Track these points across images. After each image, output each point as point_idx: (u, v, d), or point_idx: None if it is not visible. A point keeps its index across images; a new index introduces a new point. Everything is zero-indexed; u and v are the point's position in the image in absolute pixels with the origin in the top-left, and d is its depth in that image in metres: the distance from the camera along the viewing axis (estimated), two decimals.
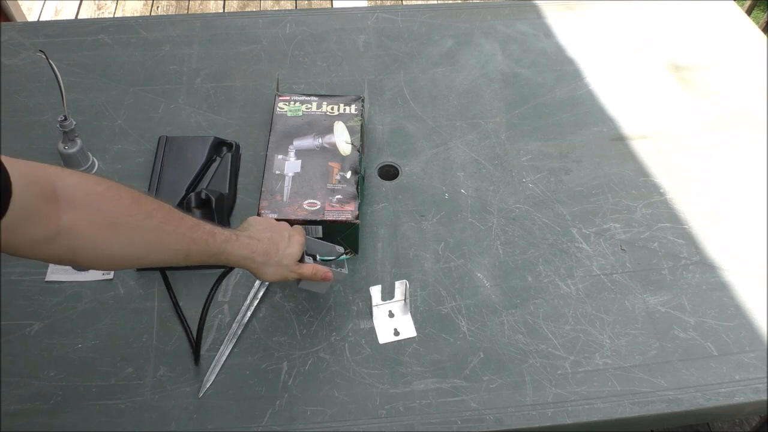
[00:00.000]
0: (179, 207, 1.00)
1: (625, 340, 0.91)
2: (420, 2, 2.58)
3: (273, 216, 0.92)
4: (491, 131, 1.18)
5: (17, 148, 1.12)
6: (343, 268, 0.90)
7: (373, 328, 0.92)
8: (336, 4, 2.64)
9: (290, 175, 0.98)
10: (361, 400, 0.85)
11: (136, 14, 2.55)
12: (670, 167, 1.13)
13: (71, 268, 0.96)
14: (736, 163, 1.14)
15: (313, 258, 0.88)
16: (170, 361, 0.88)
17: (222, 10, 2.59)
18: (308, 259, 0.87)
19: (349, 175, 0.98)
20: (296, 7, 2.62)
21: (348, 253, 0.90)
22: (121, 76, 1.25)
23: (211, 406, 0.84)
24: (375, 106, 1.21)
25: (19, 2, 2.23)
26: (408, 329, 0.92)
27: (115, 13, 2.56)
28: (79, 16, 2.52)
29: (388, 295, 0.94)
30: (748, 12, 1.70)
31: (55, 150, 1.05)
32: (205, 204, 1.00)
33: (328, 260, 0.89)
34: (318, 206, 0.94)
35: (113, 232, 0.64)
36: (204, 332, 0.89)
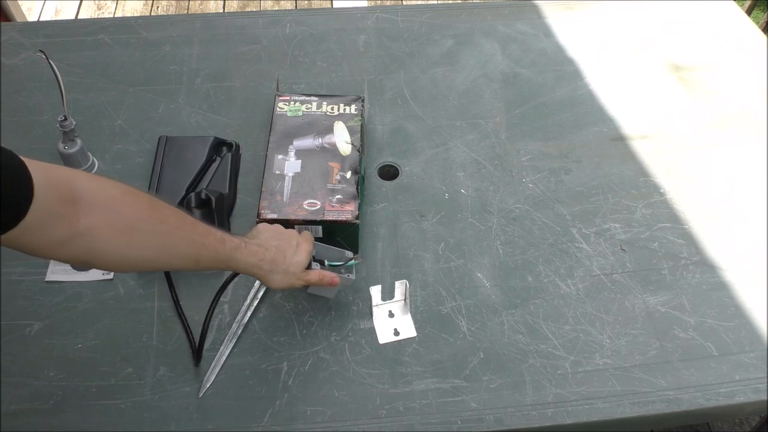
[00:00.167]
0: (179, 207, 1.00)
1: (625, 340, 0.91)
2: (420, 2, 2.58)
3: (273, 216, 0.92)
4: (491, 131, 1.18)
5: (17, 148, 1.10)
6: (351, 274, 0.90)
7: (373, 328, 0.92)
8: (336, 4, 2.64)
9: (290, 175, 0.98)
10: (361, 400, 0.85)
11: (136, 14, 2.55)
12: (670, 167, 1.13)
13: (71, 267, 0.96)
14: (736, 163, 1.14)
15: (321, 263, 0.88)
16: (170, 361, 0.88)
17: (222, 10, 2.59)
18: (315, 265, 0.87)
19: (349, 175, 0.98)
20: (296, 7, 2.62)
21: (357, 259, 0.90)
22: (121, 76, 1.25)
23: (211, 406, 0.84)
24: (375, 106, 1.21)
25: (19, 2, 2.24)
26: (408, 329, 0.92)
27: (115, 13, 2.56)
28: (79, 16, 2.52)
29: (388, 295, 0.94)
30: (748, 12, 1.70)
31: (55, 150, 1.05)
32: (205, 204, 1.00)
33: (336, 265, 0.89)
34: (318, 206, 0.94)
35: (129, 236, 0.65)
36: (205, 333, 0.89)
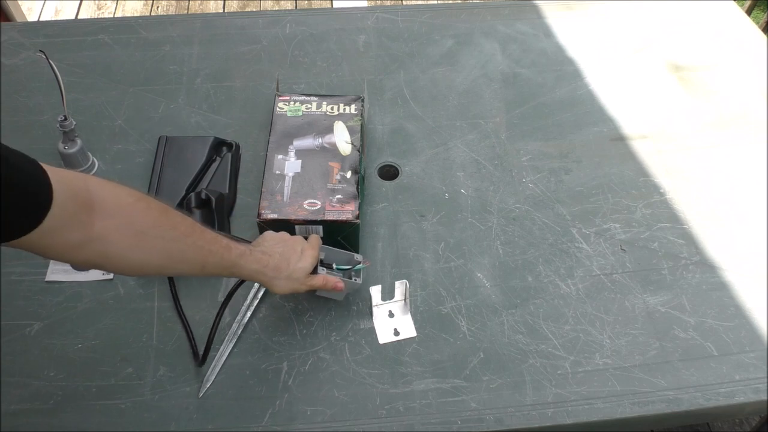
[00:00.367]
0: (179, 207, 1.00)
1: (625, 340, 0.91)
2: (420, 2, 2.58)
3: (273, 216, 0.92)
4: (491, 131, 1.18)
5: (17, 148, 1.12)
6: (358, 278, 0.90)
7: (373, 328, 0.92)
8: (336, 4, 2.64)
9: (290, 175, 0.98)
10: (361, 400, 0.85)
11: (136, 14, 2.55)
12: (670, 167, 1.13)
13: (71, 268, 0.96)
14: (736, 163, 1.14)
15: (330, 267, 0.89)
16: (170, 361, 0.88)
17: (222, 10, 2.59)
18: (321, 269, 0.87)
19: (349, 174, 0.98)
20: (296, 7, 2.62)
21: (365, 263, 0.90)
22: (121, 76, 1.25)
23: (211, 406, 0.84)
24: (375, 106, 1.21)
25: (19, 2, 2.24)
26: (408, 329, 0.92)
27: (115, 13, 2.56)
28: (79, 16, 2.52)
29: (388, 295, 0.94)
30: (748, 12, 1.70)
31: (55, 150, 1.05)
32: (205, 204, 1.00)
33: (344, 269, 0.89)
34: (318, 206, 0.94)
35: (141, 241, 0.67)
36: (204, 332, 0.89)
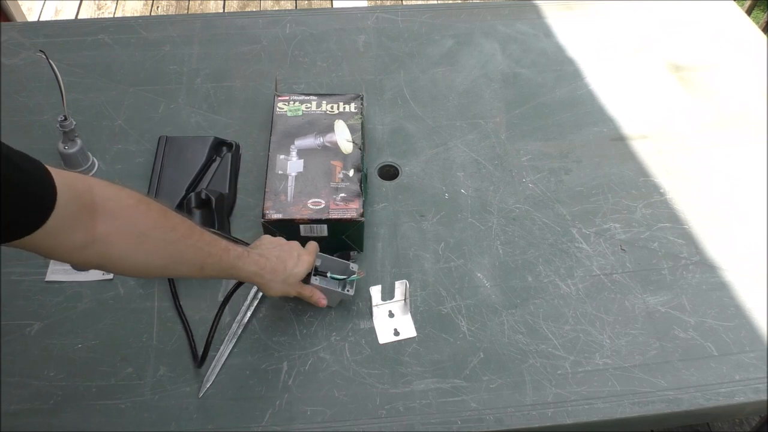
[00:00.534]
0: (179, 207, 1.00)
1: (625, 340, 0.91)
2: (420, 2, 2.58)
3: (278, 216, 0.93)
4: (491, 131, 1.18)
5: (17, 148, 1.12)
6: (350, 289, 0.90)
7: (373, 328, 0.92)
8: (336, 4, 2.64)
9: (293, 174, 0.98)
10: (361, 400, 0.85)
11: (136, 14, 2.55)
12: (670, 167, 1.13)
13: (71, 268, 0.96)
14: (736, 163, 1.14)
15: (324, 275, 0.89)
16: (170, 361, 0.88)
17: (222, 10, 2.59)
18: (315, 278, 0.88)
19: (351, 173, 0.98)
20: (296, 7, 2.62)
21: (360, 274, 0.90)
22: (121, 76, 1.25)
23: (211, 406, 0.84)
24: (375, 106, 1.21)
25: (19, 2, 2.23)
26: (408, 329, 0.92)
27: (115, 13, 2.56)
28: (79, 16, 2.52)
29: (388, 295, 0.94)
30: (748, 12, 1.70)
31: (55, 150, 1.05)
32: (205, 204, 1.00)
33: (338, 279, 0.89)
34: (322, 205, 0.94)
35: (142, 243, 0.68)
36: (204, 332, 0.89)
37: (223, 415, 0.83)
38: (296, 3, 2.63)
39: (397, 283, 0.93)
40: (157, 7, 2.60)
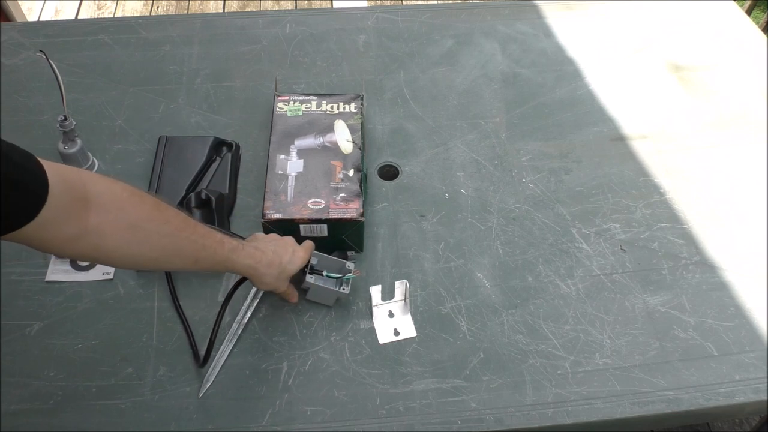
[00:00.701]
0: (179, 207, 1.00)
1: (625, 340, 0.91)
2: (420, 2, 2.58)
3: (278, 216, 0.93)
4: (491, 131, 1.18)
5: None
6: (346, 287, 0.90)
7: (373, 328, 0.92)
8: (336, 4, 2.64)
9: (293, 174, 0.98)
10: (361, 400, 0.85)
11: (136, 14, 2.55)
12: (670, 167, 1.13)
13: (71, 268, 0.96)
14: (736, 163, 1.14)
15: (320, 273, 0.89)
16: (170, 361, 0.88)
17: (222, 10, 2.59)
18: (310, 277, 0.89)
19: (351, 173, 0.98)
20: (296, 7, 2.62)
21: (356, 273, 0.90)
22: (121, 76, 1.25)
23: (211, 406, 0.84)
24: (375, 106, 1.21)
25: (19, 2, 2.23)
26: (408, 329, 0.92)
27: (115, 13, 2.56)
28: (79, 16, 2.52)
29: (388, 295, 0.94)
30: (748, 12, 1.70)
31: (55, 150, 1.05)
32: (205, 204, 1.00)
33: (334, 277, 0.90)
34: (322, 205, 0.94)
35: (134, 235, 0.68)
36: (204, 332, 0.89)
37: (223, 415, 0.83)
38: (296, 3, 2.63)
39: (397, 283, 0.93)
40: (157, 7, 2.60)
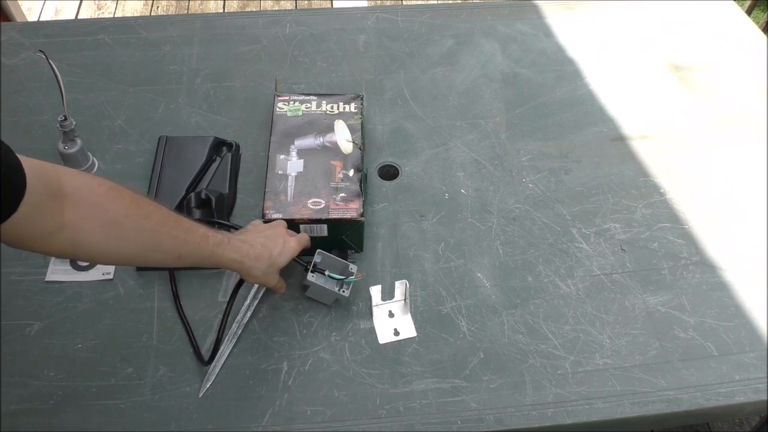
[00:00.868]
0: (179, 207, 1.00)
1: (625, 340, 0.91)
2: (420, 2, 2.58)
3: (278, 216, 0.93)
4: (491, 131, 1.18)
5: (17, 148, 1.11)
6: (346, 290, 0.90)
7: (373, 328, 0.92)
8: (336, 4, 2.64)
9: (293, 174, 0.98)
10: (361, 400, 0.85)
11: (136, 14, 2.55)
12: (670, 167, 1.13)
13: (71, 268, 0.96)
14: (736, 163, 1.14)
15: (322, 272, 0.90)
16: (170, 361, 0.88)
17: (222, 10, 2.59)
18: (311, 275, 0.89)
19: (351, 173, 0.98)
20: (296, 7, 2.62)
21: (357, 276, 0.91)
22: (121, 76, 1.25)
23: (211, 406, 0.84)
24: (375, 106, 1.21)
25: (19, 2, 2.23)
26: (408, 329, 0.92)
27: (115, 13, 2.56)
28: (79, 16, 2.52)
29: (388, 295, 0.94)
30: (748, 12, 1.70)
31: (55, 150, 1.05)
32: (205, 204, 1.00)
33: (336, 278, 0.90)
34: (322, 205, 0.94)
35: (112, 230, 0.67)
36: (204, 332, 0.90)
37: (223, 415, 0.83)
38: (296, 3, 2.63)
39: (397, 283, 0.93)
40: (157, 7, 2.60)
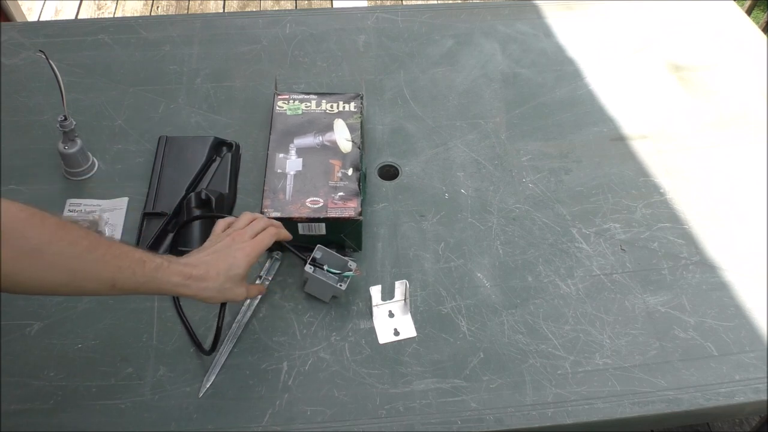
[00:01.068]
0: (179, 207, 1.00)
1: (625, 340, 0.91)
2: (420, 2, 2.58)
3: (276, 215, 0.93)
4: (491, 131, 1.18)
5: (17, 148, 1.12)
6: (343, 284, 0.90)
7: (373, 328, 0.92)
8: (336, 4, 2.64)
9: (292, 173, 0.98)
10: (361, 400, 0.85)
11: (136, 14, 2.55)
12: (670, 167, 1.13)
13: None
14: (736, 163, 1.14)
15: (321, 267, 0.90)
16: (170, 361, 0.88)
17: (222, 10, 2.59)
18: (309, 268, 0.89)
19: (350, 172, 0.98)
20: (296, 7, 2.62)
21: (356, 272, 0.91)
22: (121, 76, 1.25)
23: (211, 406, 0.84)
24: (375, 105, 1.21)
25: (19, 2, 2.23)
26: (408, 329, 0.92)
27: (115, 13, 2.56)
28: (79, 16, 2.52)
29: (388, 295, 0.94)
30: (748, 12, 1.70)
31: (55, 150, 1.05)
32: (205, 204, 1.00)
33: (334, 273, 0.90)
34: (321, 204, 0.94)
35: (35, 259, 0.64)
36: (204, 332, 0.90)
37: (223, 415, 0.83)
38: (296, 3, 2.63)
39: (397, 283, 0.93)
40: (157, 7, 2.60)
